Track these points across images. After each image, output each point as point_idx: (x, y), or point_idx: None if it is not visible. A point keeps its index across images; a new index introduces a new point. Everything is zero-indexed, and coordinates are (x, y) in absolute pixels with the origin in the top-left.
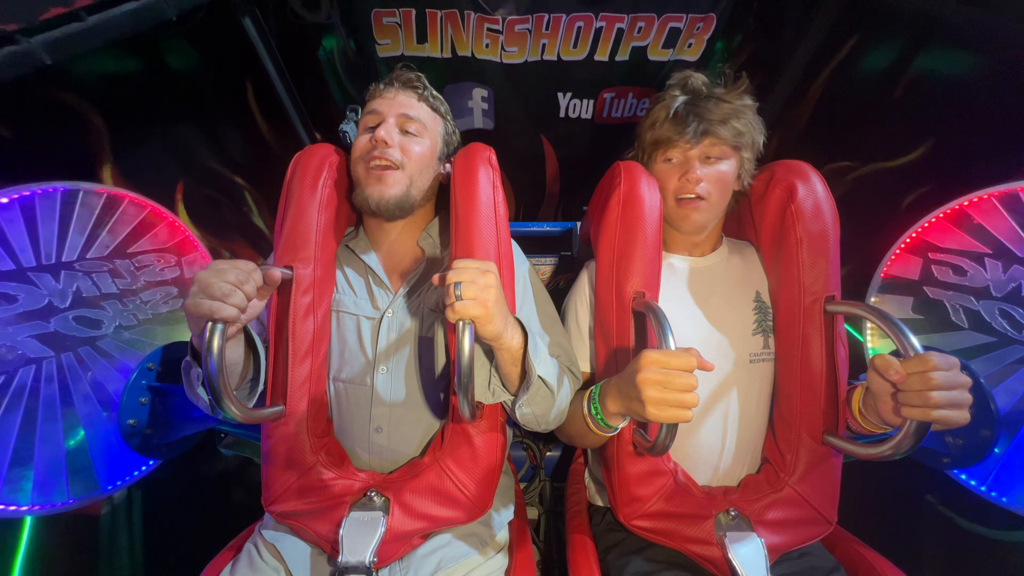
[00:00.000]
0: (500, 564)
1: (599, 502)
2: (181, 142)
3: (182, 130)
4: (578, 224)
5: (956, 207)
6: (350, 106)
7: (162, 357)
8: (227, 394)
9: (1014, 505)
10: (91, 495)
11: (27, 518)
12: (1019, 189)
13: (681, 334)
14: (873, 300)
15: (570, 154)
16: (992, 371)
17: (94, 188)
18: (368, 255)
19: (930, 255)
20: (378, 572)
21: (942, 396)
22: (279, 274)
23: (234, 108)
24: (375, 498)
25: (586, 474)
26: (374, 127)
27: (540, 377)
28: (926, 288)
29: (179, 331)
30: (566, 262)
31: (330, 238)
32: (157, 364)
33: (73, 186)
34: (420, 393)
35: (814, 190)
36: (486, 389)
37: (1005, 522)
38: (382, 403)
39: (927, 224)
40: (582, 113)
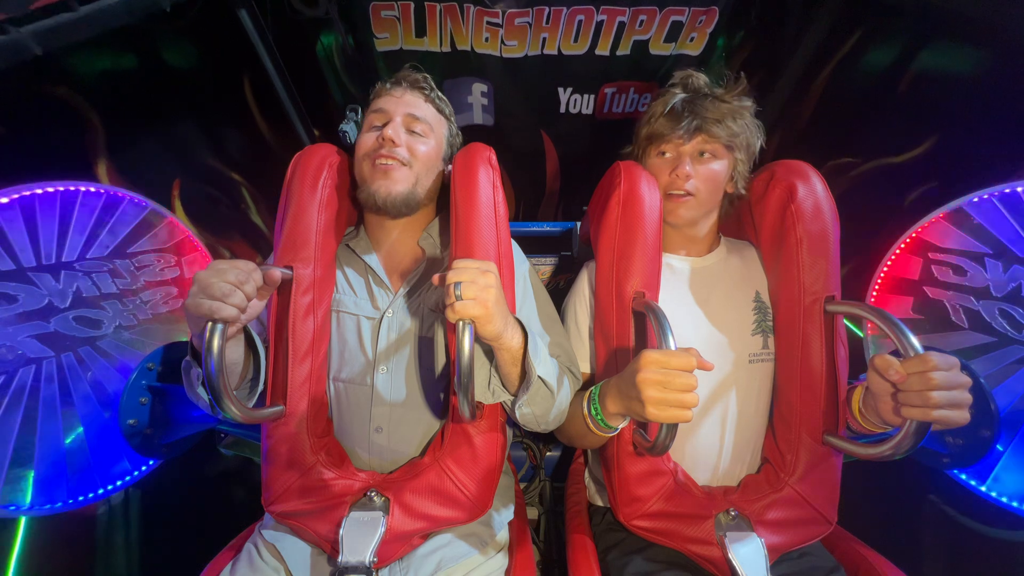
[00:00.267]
0: (500, 564)
1: (599, 502)
2: (178, 138)
3: (178, 126)
4: (578, 224)
5: (956, 207)
6: (350, 106)
7: (162, 357)
8: (227, 394)
9: (1014, 505)
10: (91, 495)
11: (22, 518)
12: (1019, 189)
13: (680, 334)
14: (873, 300)
15: (570, 150)
16: (992, 371)
17: (94, 188)
18: (368, 255)
19: (930, 255)
20: (378, 572)
21: (942, 396)
22: (279, 274)
23: (231, 104)
24: (375, 498)
25: (586, 474)
26: (380, 126)
27: (540, 377)
28: (926, 288)
29: (179, 331)
30: (566, 262)
31: (330, 238)
32: (157, 364)
33: (73, 186)
34: (420, 393)
35: (814, 190)
36: (486, 389)
37: (1005, 522)
38: (382, 403)
39: (927, 224)
40: (583, 108)
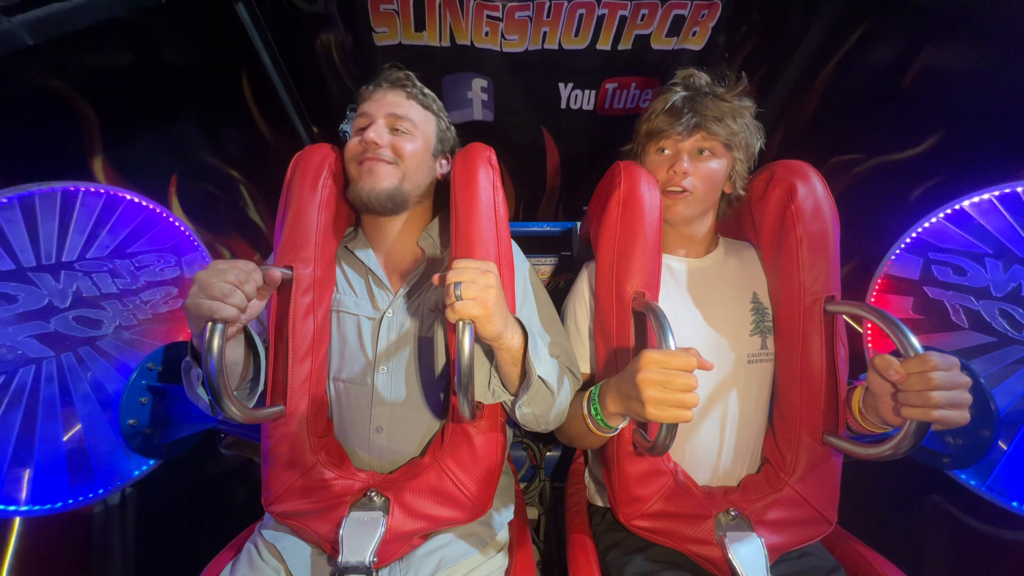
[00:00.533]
0: (500, 564)
1: (599, 502)
2: (174, 134)
3: (175, 121)
4: (578, 224)
5: (956, 207)
6: (350, 106)
7: (162, 357)
8: (227, 394)
9: (1014, 505)
10: (91, 495)
11: (16, 517)
12: (1019, 189)
13: (679, 335)
14: (873, 300)
15: (571, 146)
16: (992, 371)
17: (94, 188)
18: (368, 255)
19: (930, 255)
20: (378, 572)
21: (942, 396)
22: (279, 274)
23: (229, 100)
24: (375, 498)
25: (586, 474)
26: (364, 128)
27: (540, 377)
28: (926, 288)
29: (179, 331)
30: (566, 262)
31: (330, 238)
32: (157, 364)
33: (73, 186)
34: (420, 393)
35: (814, 190)
36: (486, 389)
37: (1005, 522)
38: (382, 403)
39: (927, 224)
40: (584, 104)
